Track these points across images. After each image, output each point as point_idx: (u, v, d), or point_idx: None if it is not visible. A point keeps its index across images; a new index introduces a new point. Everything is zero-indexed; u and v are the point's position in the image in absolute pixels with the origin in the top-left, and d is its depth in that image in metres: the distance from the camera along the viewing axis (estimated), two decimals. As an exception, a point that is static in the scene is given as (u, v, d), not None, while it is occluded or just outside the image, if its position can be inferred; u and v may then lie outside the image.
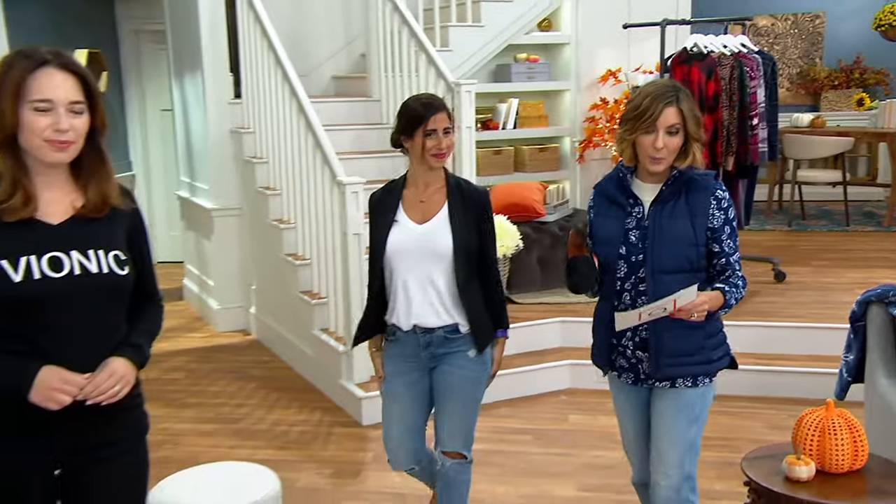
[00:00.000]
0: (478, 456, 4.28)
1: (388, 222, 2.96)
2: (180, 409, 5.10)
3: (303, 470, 4.21)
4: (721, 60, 5.63)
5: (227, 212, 6.50)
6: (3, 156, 2.01)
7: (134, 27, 8.54)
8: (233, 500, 2.97)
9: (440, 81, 5.67)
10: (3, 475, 2.07)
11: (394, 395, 3.10)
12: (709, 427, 4.50)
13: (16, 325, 2.02)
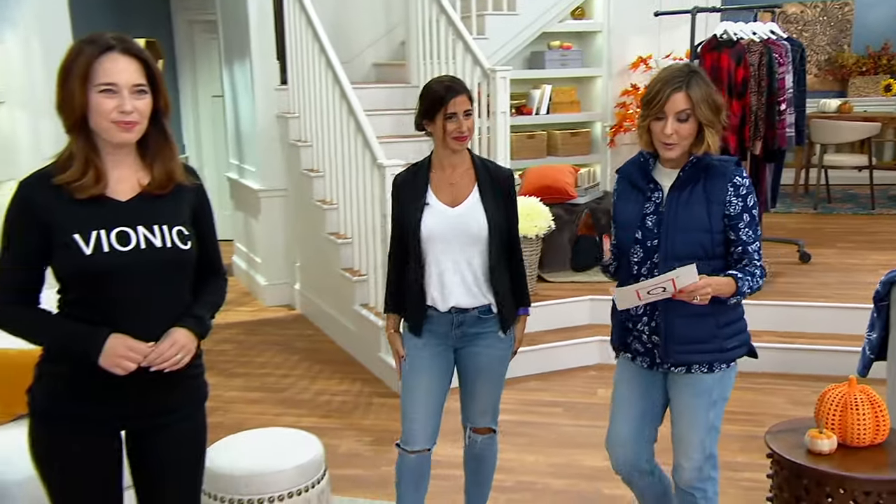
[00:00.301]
0: (509, 426, 4.33)
1: (419, 205, 2.85)
2: (229, 379, 5.17)
3: (344, 437, 4.25)
4: (750, 47, 5.53)
5: (273, 193, 6.56)
6: (75, 137, 2.04)
7: (188, 18, 8.60)
8: (281, 463, 3.00)
9: (476, 68, 5.64)
10: (76, 435, 2.12)
11: (415, 368, 2.98)
12: (733, 402, 4.45)
13: (87, 295, 2.07)
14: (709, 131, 2.44)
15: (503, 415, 4.40)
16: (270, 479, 2.96)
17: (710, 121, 2.43)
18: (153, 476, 2.25)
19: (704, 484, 2.66)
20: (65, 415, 2.12)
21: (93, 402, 2.10)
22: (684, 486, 2.67)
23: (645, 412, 2.69)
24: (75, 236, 2.01)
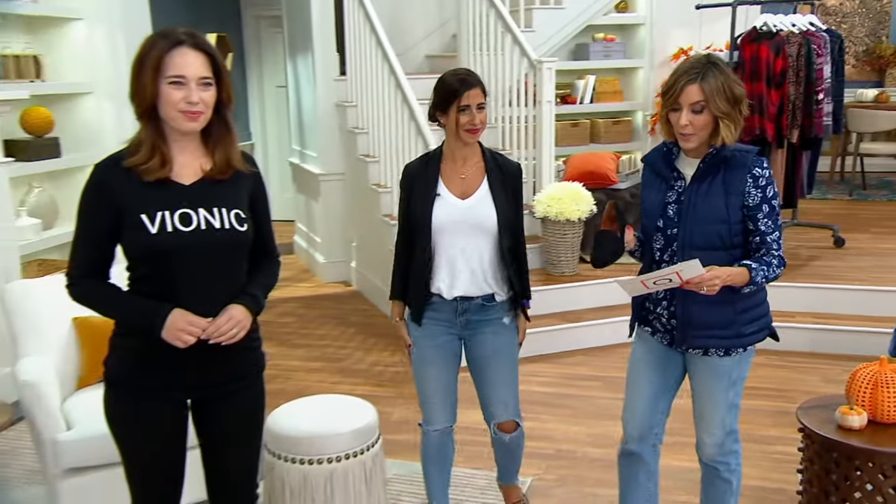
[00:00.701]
0: (551, 398, 4.36)
1: (430, 196, 2.75)
2: (291, 349, 5.24)
3: (396, 405, 4.28)
4: (789, 38, 5.41)
5: (332, 177, 6.59)
6: (145, 124, 2.07)
7: (255, 13, 8.68)
8: (339, 427, 3.03)
9: (524, 59, 5.62)
10: (145, 402, 2.17)
11: (423, 359, 2.91)
12: (766, 378, 4.46)
13: (152, 272, 2.10)
14: (723, 123, 2.33)
15: (545, 387, 4.49)
16: (329, 442, 2.99)
17: (725, 113, 2.32)
18: (216, 438, 2.28)
19: (727, 457, 2.62)
20: (135, 384, 2.17)
21: (159, 372, 2.14)
22: (707, 461, 2.64)
23: (660, 387, 2.63)
24: (142, 216, 2.05)
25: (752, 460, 3.61)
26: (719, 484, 2.64)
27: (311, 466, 2.98)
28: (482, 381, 2.90)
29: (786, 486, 3.39)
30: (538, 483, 3.49)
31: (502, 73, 5.95)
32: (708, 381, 2.54)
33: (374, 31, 5.65)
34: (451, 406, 2.96)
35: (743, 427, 3.87)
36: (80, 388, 3.30)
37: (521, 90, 5.75)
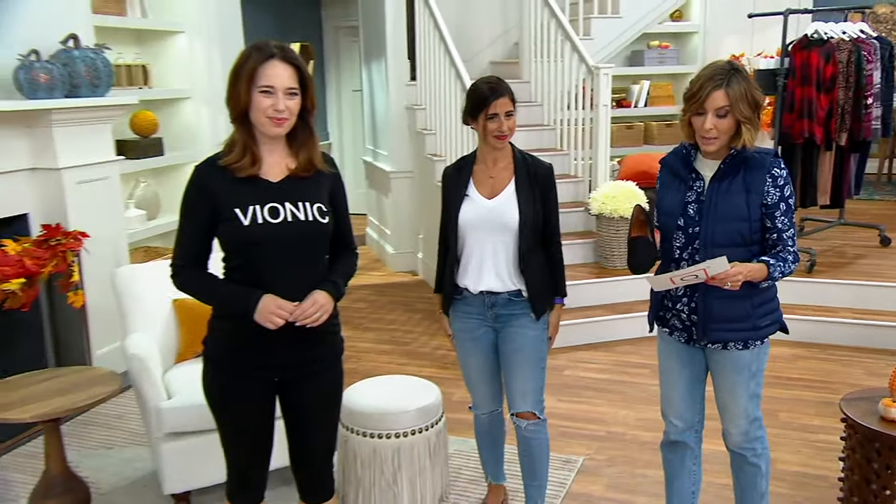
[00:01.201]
0: (602, 384, 4.34)
1: (460, 197, 2.72)
2: (363, 332, 5.30)
3: (458, 386, 4.26)
4: (840, 45, 5.24)
5: (401, 174, 6.64)
6: (238, 127, 2.13)
7: (335, 24, 8.79)
8: (406, 405, 3.06)
9: (582, 65, 5.58)
10: (238, 379, 2.22)
11: (465, 350, 2.87)
12: (810, 371, 4.38)
13: (245, 261, 2.15)
14: (745, 127, 2.29)
15: (597, 373, 4.49)
16: (397, 418, 3.02)
17: (747, 117, 2.28)
18: (300, 415, 2.31)
19: (753, 444, 2.55)
20: (230, 362, 2.21)
21: (252, 352, 2.18)
22: (735, 448, 2.58)
23: (691, 379, 2.58)
24: (236, 210, 2.10)
25: (793, 447, 3.57)
26: (748, 469, 2.59)
27: (381, 440, 3.02)
28: (507, 372, 2.83)
29: (827, 472, 3.32)
30: (589, 462, 3.48)
31: (561, 79, 5.92)
32: (729, 375, 2.49)
33: (442, 39, 5.67)
34: (495, 392, 2.92)
35: (787, 416, 3.86)
36: (178, 362, 3.38)
37: (578, 94, 5.71)
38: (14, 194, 3.97)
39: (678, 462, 2.71)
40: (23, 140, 4.00)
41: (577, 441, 3.68)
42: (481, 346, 2.82)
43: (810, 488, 3.23)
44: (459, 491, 3.27)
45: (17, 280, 3.47)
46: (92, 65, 4.11)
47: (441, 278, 2.87)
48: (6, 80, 3.89)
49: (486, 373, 2.86)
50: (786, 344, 4.76)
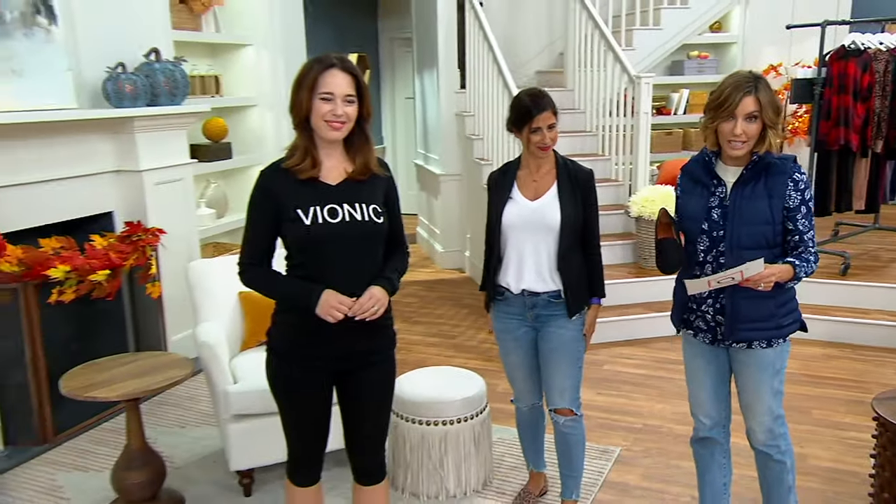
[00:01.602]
0: (640, 379, 4.31)
1: (504, 199, 2.69)
2: (412, 325, 5.31)
3: (501, 379, 4.21)
4: (877, 56, 5.09)
5: (450, 177, 6.64)
6: (300, 133, 2.16)
7: (390, 35, 8.83)
8: (453, 395, 3.10)
9: (624, 75, 5.52)
10: (299, 369, 2.24)
11: (507, 348, 2.85)
12: (843, 370, 4.29)
13: (306, 258, 2.17)
14: (771, 132, 2.27)
15: (635, 368, 4.45)
16: (444, 407, 3.06)
17: (773, 122, 2.26)
18: (355, 403, 2.33)
19: (777, 441, 2.50)
20: (292, 352, 2.24)
21: (313, 344, 2.20)
22: (759, 447, 2.52)
23: (717, 378, 2.54)
24: (298, 211, 2.12)
25: (825, 443, 3.50)
26: (774, 465, 2.53)
27: (428, 427, 3.06)
28: (545, 370, 2.79)
29: (858, 469, 3.25)
30: (626, 453, 3.46)
31: (604, 87, 5.87)
32: (754, 373, 2.44)
33: (490, 50, 5.66)
34: (535, 387, 2.89)
35: (819, 413, 3.79)
36: (243, 349, 3.42)
37: (620, 102, 5.65)
38: (101, 194, 4.08)
39: (708, 456, 2.68)
40: (109, 144, 4.11)
41: (614, 432, 3.66)
42: (522, 344, 2.80)
43: (841, 483, 3.17)
44: (502, 477, 3.27)
45: (103, 272, 3.56)
46: (171, 76, 4.21)
47: (485, 279, 2.86)
48: (96, 90, 4.01)
49: (527, 369, 2.85)
50: (819, 344, 4.67)
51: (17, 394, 3.54)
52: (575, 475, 2.88)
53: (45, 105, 3.70)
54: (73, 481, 3.31)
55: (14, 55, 3.58)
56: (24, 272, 3.39)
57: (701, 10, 6.79)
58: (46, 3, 3.72)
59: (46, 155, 3.77)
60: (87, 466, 3.44)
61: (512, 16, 7.10)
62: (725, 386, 2.57)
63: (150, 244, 3.94)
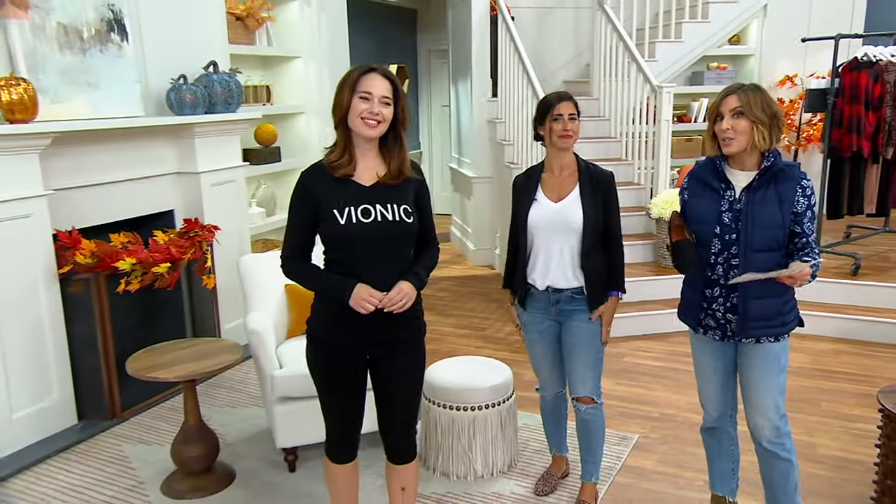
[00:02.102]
0: (657, 371, 4.28)
1: (529, 200, 2.66)
2: (445, 318, 5.31)
3: (528, 368, 4.17)
4: (888, 67, 4.98)
5: (482, 179, 6.62)
6: (339, 132, 2.18)
7: (427, 48, 8.84)
8: (481, 382, 3.11)
9: (646, 85, 5.47)
10: (335, 356, 2.26)
11: (532, 341, 2.82)
12: (851, 365, 4.23)
13: (341, 255, 2.18)
14: (757, 129, 2.23)
15: (653, 361, 4.43)
16: (472, 394, 3.08)
17: (760, 120, 2.22)
18: (387, 386, 2.33)
19: (783, 439, 2.43)
20: (329, 341, 2.24)
21: (347, 333, 2.21)
22: (766, 444, 2.45)
23: (724, 373, 2.51)
24: (334, 211, 2.13)
25: (833, 434, 3.45)
26: (780, 464, 2.46)
27: (458, 412, 3.08)
28: (568, 361, 2.77)
29: (864, 458, 3.20)
30: (643, 440, 3.44)
31: (628, 96, 5.82)
32: (762, 367, 2.39)
33: (521, 61, 5.64)
34: (558, 377, 2.87)
35: (828, 405, 3.75)
36: (288, 337, 3.44)
37: (643, 110, 5.61)
38: (163, 194, 4.17)
39: (717, 444, 2.67)
40: (171, 149, 4.19)
41: (633, 420, 3.65)
42: (546, 337, 2.78)
43: (847, 471, 3.13)
44: (526, 460, 3.28)
45: (164, 264, 3.61)
46: (226, 86, 4.27)
47: (509, 275, 2.84)
48: (160, 100, 4.09)
49: (550, 360, 2.83)
50: (830, 340, 4.59)
51: (89, 374, 3.63)
52: (595, 459, 2.87)
53: (117, 114, 3.79)
54: (138, 453, 3.39)
55: (90, 69, 3.67)
56: (96, 264, 3.47)
57: (720, 24, 6.70)
58: (119, 22, 3.80)
59: (117, 159, 3.86)
60: (149, 440, 3.52)
61: (541, 28, 7.06)
62: (732, 380, 2.54)
63: (205, 240, 3.99)
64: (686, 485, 3.06)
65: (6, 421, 3.32)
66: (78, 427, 3.60)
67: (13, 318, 3.32)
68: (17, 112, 3.18)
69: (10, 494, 2.93)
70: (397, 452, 2.41)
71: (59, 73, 3.52)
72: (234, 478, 3.17)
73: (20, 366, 3.36)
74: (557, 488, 3.04)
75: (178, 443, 3.06)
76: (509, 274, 2.84)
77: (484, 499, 2.98)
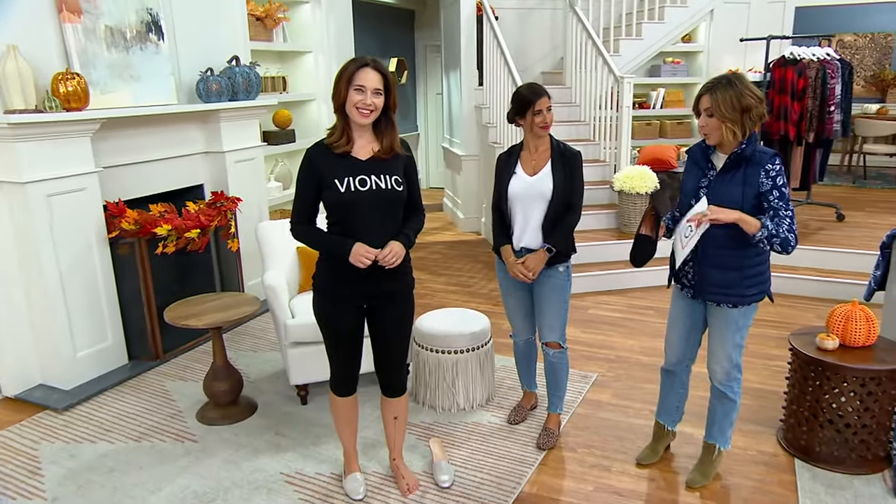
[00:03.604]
0: (616, 321, 4.31)
1: (509, 174, 2.66)
2: (436, 276, 5.27)
3: (504, 319, 4.25)
4: (810, 65, 4.98)
5: (470, 157, 6.58)
6: (338, 117, 2.17)
7: (424, 43, 8.69)
8: (462, 329, 3.13)
9: (610, 76, 5.43)
10: (336, 304, 2.25)
11: (506, 291, 2.81)
12: (777, 315, 4.33)
13: (341, 218, 2.17)
14: (725, 126, 2.17)
15: (613, 313, 4.46)
16: (455, 339, 3.09)
17: (729, 119, 2.16)
18: (381, 331, 2.33)
19: (732, 383, 2.47)
20: (331, 292, 2.24)
21: (347, 285, 2.21)
22: (717, 385, 2.49)
23: (691, 326, 2.52)
24: (334, 180, 2.11)
25: (756, 370, 3.52)
26: (727, 402, 2.51)
27: (443, 355, 3.10)
28: (538, 310, 2.75)
29: (778, 389, 3.29)
30: (601, 378, 3.47)
31: (595, 86, 5.78)
32: (721, 326, 2.40)
33: (503, 54, 5.58)
34: (529, 325, 2.86)
35: (754, 347, 3.83)
36: (299, 292, 3.42)
37: (608, 98, 5.58)
38: (194, 170, 4.14)
39: (669, 384, 2.69)
40: (200, 132, 4.15)
41: (593, 362, 3.68)
42: (519, 289, 2.78)
43: (765, 400, 3.21)
44: (501, 395, 3.31)
45: (195, 230, 3.60)
46: (247, 77, 4.22)
47: (500, 235, 2.75)
48: (190, 89, 4.05)
49: (523, 311, 2.83)
50: (759, 294, 4.66)
51: (136, 322, 3.67)
52: (559, 394, 2.89)
53: (154, 102, 3.76)
54: (177, 387, 3.44)
55: (132, 64, 3.64)
56: (138, 230, 3.48)
57: (674, 25, 6.64)
58: (156, 24, 3.76)
59: (154, 141, 3.84)
60: (186, 377, 3.56)
61: (522, 26, 6.97)
62: (696, 335, 2.53)
63: (230, 209, 3.96)
64: (634, 414, 3.11)
65: (71, 359, 3.38)
66: (128, 366, 3.65)
67: (74, 275, 3.35)
68: (72, 102, 3.18)
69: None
70: (390, 388, 2.43)
71: (106, 68, 3.49)
72: (256, 409, 3.21)
73: (81, 314, 3.40)
74: (527, 418, 3.08)
75: (208, 379, 3.10)
76: (499, 235, 2.74)
77: (465, 427, 3.01)
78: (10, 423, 3.13)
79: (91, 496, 2.57)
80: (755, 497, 2.51)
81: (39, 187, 3.15)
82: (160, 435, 3.01)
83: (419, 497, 2.53)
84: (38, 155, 3.13)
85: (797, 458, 2.72)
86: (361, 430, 2.91)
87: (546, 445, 2.84)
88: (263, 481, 2.64)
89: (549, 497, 2.54)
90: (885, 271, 3.15)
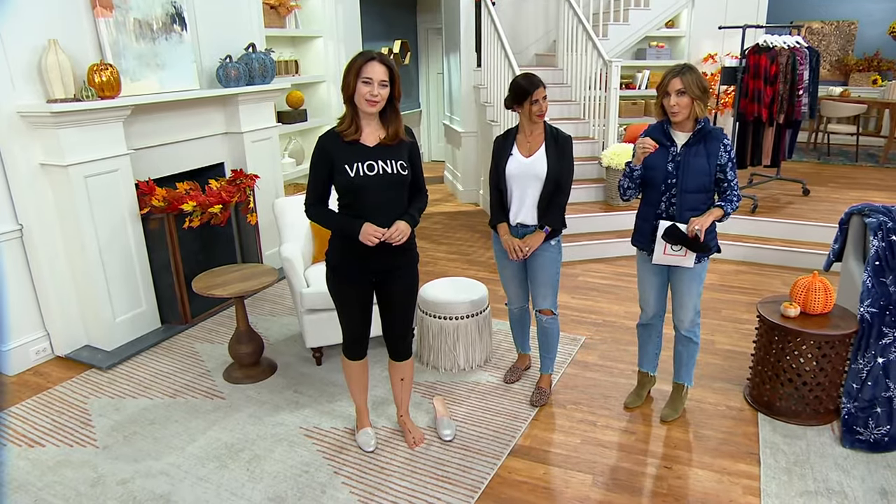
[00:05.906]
0: (603, 287, 4.30)
1: (506, 155, 2.62)
2: (438, 245, 5.23)
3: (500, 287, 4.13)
4: (781, 52, 4.89)
5: (469, 133, 6.50)
6: (347, 107, 2.14)
7: (426, 26, 8.50)
8: (463, 297, 3.13)
9: (600, 59, 5.32)
10: (347, 278, 2.26)
11: (503, 264, 2.79)
12: (747, 282, 4.36)
13: (351, 200, 2.16)
14: (696, 104, 2.32)
15: (600, 279, 4.46)
16: (456, 306, 3.10)
17: (698, 96, 2.31)
18: (388, 301, 2.33)
19: (695, 328, 2.61)
20: (343, 267, 2.24)
21: (357, 261, 2.21)
22: (684, 331, 2.61)
23: (660, 283, 2.61)
24: (345, 166, 2.10)
25: (727, 333, 3.55)
26: (691, 345, 2.64)
27: (445, 321, 3.10)
28: (532, 282, 2.74)
29: (746, 350, 3.32)
30: (589, 341, 3.48)
31: (585, 68, 5.66)
32: (687, 281, 2.51)
33: (499, 37, 5.46)
34: (524, 294, 2.86)
35: (726, 312, 3.86)
36: (313, 263, 3.39)
37: (597, 79, 5.48)
38: (215, 149, 4.11)
39: (647, 335, 2.78)
40: (220, 114, 4.10)
41: (581, 326, 3.69)
42: (514, 262, 2.76)
43: (734, 360, 3.24)
44: (498, 356, 3.32)
45: (217, 206, 3.59)
46: (262, 63, 4.15)
47: (499, 212, 2.71)
48: (211, 75, 3.99)
49: (518, 281, 2.82)
50: (734, 263, 4.66)
51: (167, 290, 3.68)
52: (551, 356, 2.91)
53: (179, 88, 3.71)
54: (205, 349, 3.46)
55: (158, 53, 3.58)
56: (166, 206, 3.47)
57: (658, 11, 6.46)
58: (179, 15, 3.69)
59: (179, 123, 3.80)
60: (212, 340, 3.57)
61: (517, 11, 6.80)
62: (664, 289, 2.64)
63: (248, 186, 3.95)
64: (619, 373, 3.15)
65: (111, 323, 3.41)
66: (161, 329, 3.67)
67: (112, 247, 3.36)
68: (105, 90, 3.16)
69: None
70: (396, 352, 2.45)
71: (135, 58, 3.44)
72: (276, 369, 3.22)
73: (118, 283, 3.42)
74: (521, 378, 3.10)
75: (233, 342, 3.11)
76: (497, 212, 2.70)
77: (465, 386, 3.03)
78: (63, 379, 3.18)
79: (136, 445, 2.63)
80: (723, 447, 2.57)
81: (79, 169, 3.14)
82: (192, 392, 3.04)
83: (424, 449, 2.57)
84: (77, 140, 3.12)
85: (760, 412, 2.78)
86: (371, 390, 2.95)
87: (538, 402, 2.87)
88: (284, 434, 2.68)
89: (541, 449, 2.59)
90: (842, 245, 3.16)
